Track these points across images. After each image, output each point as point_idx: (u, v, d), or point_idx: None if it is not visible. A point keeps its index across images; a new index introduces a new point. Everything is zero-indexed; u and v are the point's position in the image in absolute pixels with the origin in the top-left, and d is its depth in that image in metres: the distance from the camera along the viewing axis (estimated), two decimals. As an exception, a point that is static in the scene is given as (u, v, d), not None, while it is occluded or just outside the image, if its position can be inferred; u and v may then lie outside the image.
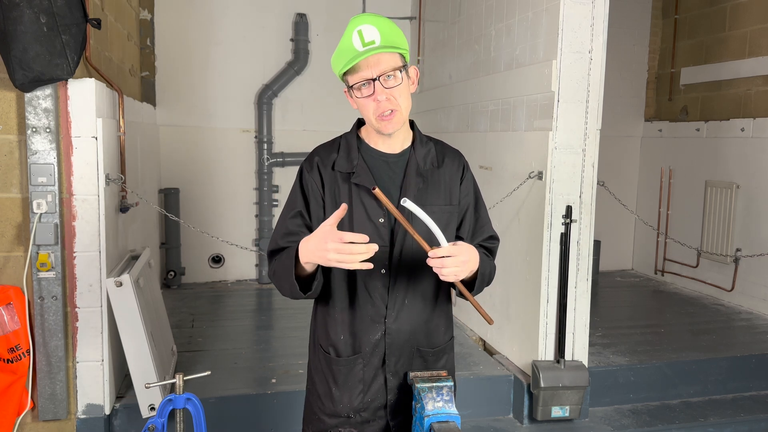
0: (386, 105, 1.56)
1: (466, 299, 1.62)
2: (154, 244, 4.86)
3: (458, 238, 1.77)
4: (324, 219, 1.65)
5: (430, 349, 1.76)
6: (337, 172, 1.66)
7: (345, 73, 1.58)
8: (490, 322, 1.57)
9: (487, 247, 1.80)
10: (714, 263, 5.30)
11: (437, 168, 1.71)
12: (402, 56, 1.59)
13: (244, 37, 5.52)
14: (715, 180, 5.30)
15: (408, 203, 1.47)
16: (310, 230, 1.66)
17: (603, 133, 3.46)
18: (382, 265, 1.66)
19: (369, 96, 1.56)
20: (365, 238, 1.42)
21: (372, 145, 1.70)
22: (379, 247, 1.64)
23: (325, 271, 1.72)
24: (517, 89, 3.66)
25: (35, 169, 2.77)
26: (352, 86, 1.58)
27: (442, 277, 1.52)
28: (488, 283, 1.75)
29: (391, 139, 1.67)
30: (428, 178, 1.69)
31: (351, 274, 1.68)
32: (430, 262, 1.50)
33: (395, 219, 1.63)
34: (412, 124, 1.74)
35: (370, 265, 1.43)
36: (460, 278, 1.54)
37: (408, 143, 1.72)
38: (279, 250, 1.67)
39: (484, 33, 4.21)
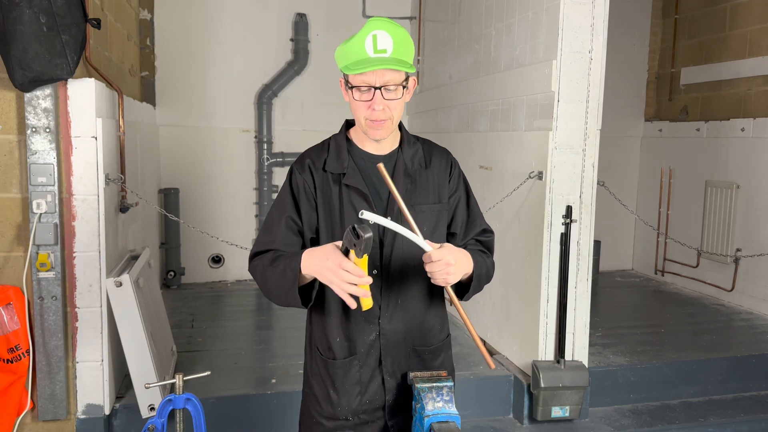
0: (380, 114, 1.59)
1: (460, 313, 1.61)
2: (153, 244, 4.86)
3: (451, 234, 1.78)
4: (316, 221, 1.68)
5: (426, 348, 1.77)
6: (329, 174, 1.68)
7: (348, 71, 1.59)
8: (491, 366, 1.61)
9: (482, 240, 1.80)
10: (714, 263, 5.30)
11: (425, 168, 1.73)
12: (406, 72, 1.62)
13: (244, 37, 5.51)
14: (715, 180, 5.30)
15: (366, 214, 1.43)
16: (302, 234, 1.68)
17: (603, 133, 3.46)
18: (373, 266, 1.67)
19: (367, 101, 1.59)
20: (365, 278, 1.44)
21: (361, 147, 1.72)
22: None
23: None
24: (517, 89, 3.66)
25: (35, 169, 2.77)
26: (352, 86, 1.60)
27: (433, 281, 1.54)
28: (487, 282, 1.75)
29: (379, 141, 1.69)
30: (416, 178, 1.71)
31: None
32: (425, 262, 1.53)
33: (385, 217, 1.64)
34: (399, 125, 1.75)
35: (353, 303, 1.47)
36: (451, 283, 1.55)
37: (396, 145, 1.74)
38: (264, 252, 1.66)
39: (484, 33, 4.21)
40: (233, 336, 4.20)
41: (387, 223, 1.46)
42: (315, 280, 1.60)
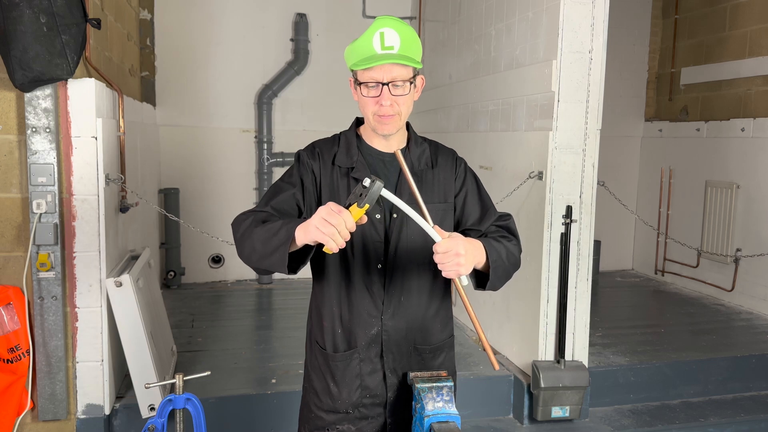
0: (388, 110, 1.62)
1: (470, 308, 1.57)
2: (154, 244, 4.85)
3: (467, 229, 1.76)
4: (315, 207, 1.66)
5: (427, 347, 1.77)
6: (337, 167, 1.70)
7: (356, 67, 1.62)
8: (495, 366, 1.59)
9: (502, 225, 1.78)
10: (714, 263, 5.30)
11: (431, 168, 1.76)
12: (414, 68, 1.63)
13: (244, 37, 5.51)
14: (715, 180, 5.30)
15: (386, 193, 1.42)
16: (299, 207, 1.68)
17: (603, 133, 3.46)
18: (377, 261, 1.68)
19: (375, 97, 1.61)
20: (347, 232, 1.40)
21: (369, 143, 1.74)
22: (375, 242, 1.67)
23: (321, 266, 1.73)
24: (517, 89, 3.66)
25: (35, 169, 2.77)
26: (360, 82, 1.62)
27: (444, 274, 1.50)
28: (514, 266, 1.69)
29: (387, 138, 1.71)
30: (423, 177, 1.73)
31: (347, 268, 1.69)
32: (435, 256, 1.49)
33: (391, 215, 1.67)
34: (407, 125, 1.78)
35: (336, 248, 1.40)
36: (462, 274, 1.51)
37: (403, 144, 1.76)
38: (258, 212, 1.63)
39: (484, 33, 4.21)
40: (233, 336, 4.20)
41: (402, 205, 1.45)
42: (304, 253, 1.55)
